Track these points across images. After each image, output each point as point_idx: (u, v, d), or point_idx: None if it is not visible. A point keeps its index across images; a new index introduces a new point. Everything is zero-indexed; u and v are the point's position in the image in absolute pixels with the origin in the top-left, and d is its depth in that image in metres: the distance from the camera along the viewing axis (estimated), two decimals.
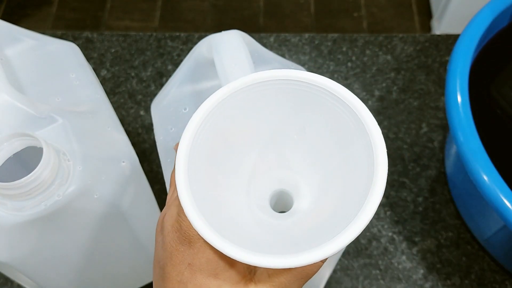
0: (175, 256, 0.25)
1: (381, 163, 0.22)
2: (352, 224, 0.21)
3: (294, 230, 0.25)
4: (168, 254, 0.25)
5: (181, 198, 0.23)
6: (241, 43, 0.34)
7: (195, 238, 0.24)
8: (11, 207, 0.33)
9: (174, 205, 0.26)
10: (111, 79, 0.67)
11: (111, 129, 0.40)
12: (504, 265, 0.53)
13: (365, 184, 0.22)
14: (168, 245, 0.25)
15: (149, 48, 0.69)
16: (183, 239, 0.25)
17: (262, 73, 0.25)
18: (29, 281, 0.40)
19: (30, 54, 0.41)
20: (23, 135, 0.32)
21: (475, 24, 0.50)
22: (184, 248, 0.24)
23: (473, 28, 0.49)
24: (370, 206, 0.21)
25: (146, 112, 0.64)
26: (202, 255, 0.24)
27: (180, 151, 0.23)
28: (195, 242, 0.24)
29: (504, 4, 0.50)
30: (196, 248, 0.24)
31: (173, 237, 0.25)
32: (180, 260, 0.24)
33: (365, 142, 0.23)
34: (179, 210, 0.25)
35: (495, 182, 0.41)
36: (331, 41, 0.69)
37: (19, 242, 0.35)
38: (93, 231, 0.38)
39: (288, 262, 0.21)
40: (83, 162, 0.35)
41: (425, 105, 0.63)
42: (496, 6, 0.50)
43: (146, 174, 0.43)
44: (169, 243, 0.25)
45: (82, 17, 0.75)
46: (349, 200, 0.23)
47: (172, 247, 0.25)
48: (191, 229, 0.24)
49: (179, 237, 0.25)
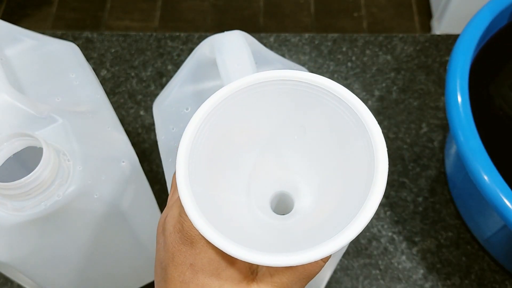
0: (177, 257, 0.25)
1: (382, 163, 0.22)
2: (352, 223, 0.21)
3: (295, 230, 0.25)
4: (170, 254, 0.25)
5: (182, 198, 0.23)
6: (244, 43, 0.34)
7: (197, 239, 0.24)
8: (11, 207, 0.33)
9: (175, 206, 0.26)
10: (111, 79, 0.67)
11: (111, 129, 0.40)
12: (504, 265, 0.53)
13: (366, 184, 0.22)
14: (170, 246, 0.25)
15: (149, 48, 0.69)
16: (185, 239, 0.25)
17: (262, 73, 0.25)
18: (29, 281, 0.40)
19: (30, 54, 0.41)
20: (23, 135, 0.32)
21: (474, 24, 0.50)
22: (186, 249, 0.24)
23: (472, 28, 0.49)
24: (371, 205, 0.22)
25: (146, 112, 0.64)
26: (204, 255, 0.24)
27: (180, 151, 0.23)
28: (197, 243, 0.24)
29: (503, 4, 0.50)
30: (198, 249, 0.24)
31: (175, 238, 0.25)
32: (182, 260, 0.25)
33: (365, 142, 0.23)
34: (181, 210, 0.25)
35: (496, 182, 0.41)
36: (331, 41, 0.69)
37: (19, 242, 0.35)
38: (93, 231, 0.38)
39: (289, 260, 0.21)
40: (83, 162, 0.35)
41: (425, 105, 0.63)
42: (495, 6, 0.50)
43: (146, 174, 0.43)
44: (171, 244, 0.25)
45: (82, 17, 0.75)
46: (349, 199, 0.23)
47: (174, 248, 0.25)
48: (192, 229, 0.24)
49: (181, 238, 0.25)
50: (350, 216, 0.22)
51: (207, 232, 0.22)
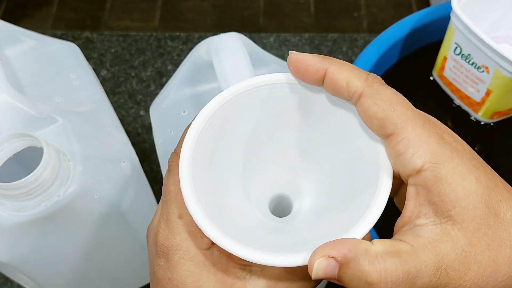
0: (157, 271, 0.23)
1: (386, 160, 0.22)
2: (358, 224, 0.21)
3: (297, 233, 0.25)
4: (151, 268, 0.24)
5: (186, 199, 0.21)
6: (240, 45, 0.33)
7: (172, 251, 0.23)
8: (11, 207, 0.33)
9: (156, 214, 0.25)
10: (111, 79, 0.67)
11: (111, 129, 0.40)
12: None
13: (370, 184, 0.22)
14: (150, 259, 0.24)
15: (149, 48, 0.69)
16: (160, 252, 0.23)
17: (261, 76, 0.25)
18: (29, 281, 0.40)
19: (30, 54, 0.41)
20: (24, 135, 0.32)
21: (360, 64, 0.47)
22: (162, 262, 0.23)
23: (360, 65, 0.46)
24: (376, 208, 0.21)
25: (146, 112, 0.64)
26: (181, 268, 0.22)
27: (182, 157, 0.23)
28: (173, 255, 0.23)
29: (389, 42, 0.48)
30: (174, 261, 0.23)
31: (152, 251, 0.24)
32: (162, 274, 0.23)
33: (368, 139, 0.23)
34: (159, 219, 0.23)
35: None
36: (331, 41, 0.69)
37: (19, 242, 0.35)
38: (93, 231, 0.38)
39: (291, 261, 0.21)
40: (83, 162, 0.35)
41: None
42: (381, 44, 0.48)
43: (146, 174, 0.43)
44: (151, 258, 0.24)
45: (82, 17, 0.75)
46: (353, 199, 0.23)
47: (153, 261, 0.24)
48: (167, 241, 0.23)
49: (157, 251, 0.23)
50: (355, 218, 0.21)
51: (209, 229, 0.21)
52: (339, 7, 0.76)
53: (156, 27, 0.73)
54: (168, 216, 0.23)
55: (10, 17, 0.77)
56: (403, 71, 0.51)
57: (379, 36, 0.49)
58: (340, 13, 0.75)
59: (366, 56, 0.48)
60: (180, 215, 0.23)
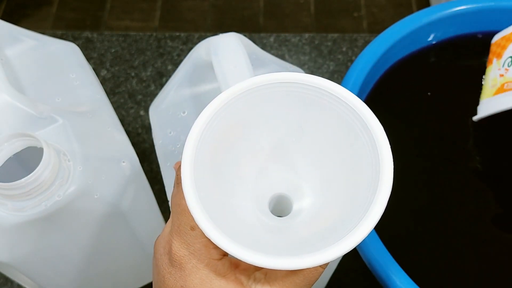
0: (168, 280, 0.24)
1: (386, 160, 0.22)
2: (360, 225, 0.21)
3: (297, 232, 0.25)
4: (161, 277, 0.25)
5: (190, 206, 0.22)
6: (240, 45, 0.33)
7: (186, 260, 0.24)
8: (11, 207, 0.33)
9: (167, 226, 0.26)
10: (111, 79, 0.67)
11: (111, 129, 0.40)
12: None
13: (371, 183, 0.22)
14: (160, 268, 0.25)
15: (149, 48, 0.69)
16: (173, 261, 0.24)
17: (261, 76, 0.25)
18: (29, 281, 0.40)
19: (30, 54, 0.41)
20: (24, 135, 0.32)
21: (350, 82, 0.46)
22: (175, 271, 0.24)
23: (349, 83, 0.46)
24: (377, 207, 0.21)
25: (146, 112, 0.64)
26: (194, 276, 0.24)
27: (184, 159, 0.23)
28: (186, 264, 0.24)
29: (389, 42, 0.48)
30: (187, 270, 0.24)
31: (164, 260, 0.25)
32: (173, 283, 0.24)
33: (368, 141, 0.23)
34: (171, 230, 0.25)
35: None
36: (331, 41, 0.69)
37: (19, 242, 0.35)
38: (93, 231, 0.38)
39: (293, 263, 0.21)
40: (83, 162, 0.35)
41: None
42: (381, 44, 0.47)
43: (146, 174, 0.43)
44: (161, 266, 0.25)
45: (82, 17, 0.75)
46: (354, 200, 0.23)
47: (164, 270, 0.25)
48: (180, 250, 0.24)
49: (170, 260, 0.24)
50: (356, 218, 0.21)
51: (215, 235, 0.21)
52: (339, 7, 0.76)
53: (156, 27, 0.73)
54: (180, 227, 0.24)
55: (10, 17, 0.77)
56: (403, 71, 0.51)
57: (379, 36, 0.49)
58: (340, 13, 0.75)
59: (366, 56, 0.48)
60: (193, 227, 0.24)
